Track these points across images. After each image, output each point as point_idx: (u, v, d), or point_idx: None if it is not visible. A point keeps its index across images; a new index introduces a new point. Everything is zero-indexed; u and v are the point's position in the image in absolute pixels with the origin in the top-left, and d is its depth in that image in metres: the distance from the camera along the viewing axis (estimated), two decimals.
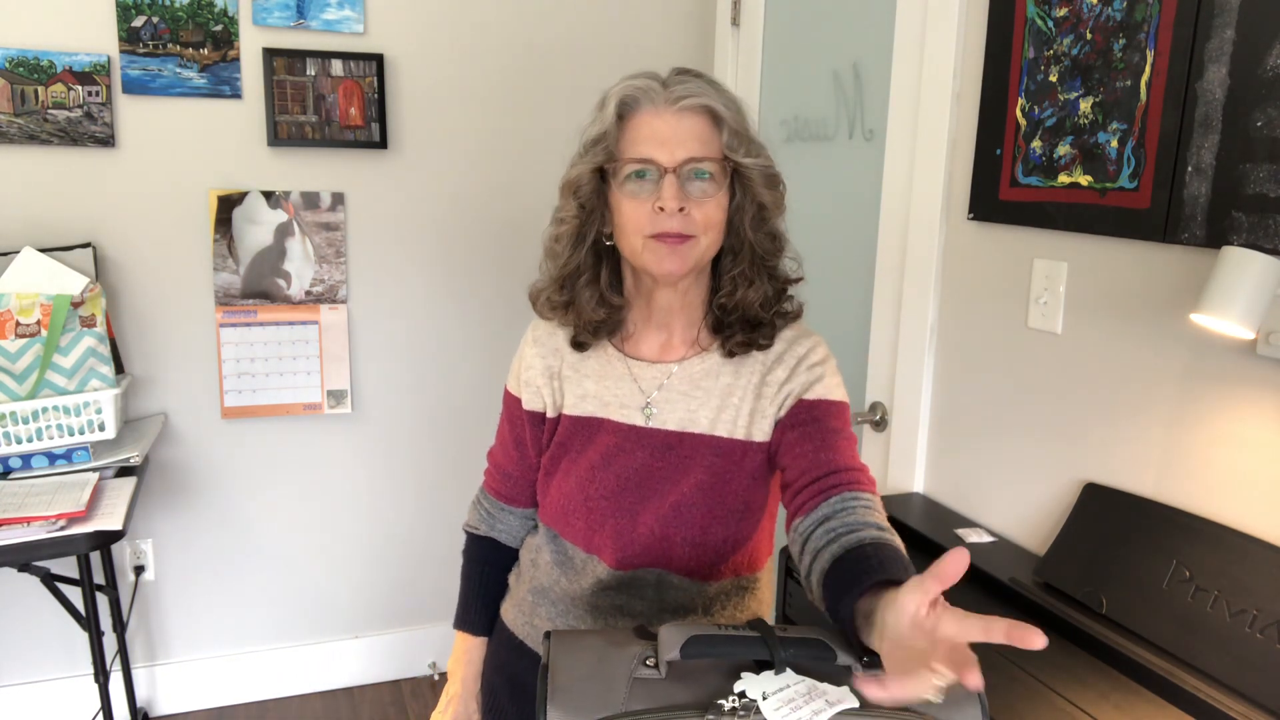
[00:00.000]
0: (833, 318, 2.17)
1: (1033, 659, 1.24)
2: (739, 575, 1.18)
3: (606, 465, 1.14)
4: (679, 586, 1.15)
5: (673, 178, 1.05)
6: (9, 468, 2.08)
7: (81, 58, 2.25)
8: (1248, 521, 1.23)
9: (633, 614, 1.16)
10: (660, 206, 1.05)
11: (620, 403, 1.16)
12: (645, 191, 1.06)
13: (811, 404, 1.10)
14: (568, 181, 1.12)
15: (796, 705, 0.76)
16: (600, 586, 1.16)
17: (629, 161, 1.07)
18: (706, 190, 1.07)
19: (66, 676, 2.51)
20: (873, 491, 1.02)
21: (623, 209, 1.08)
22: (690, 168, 1.06)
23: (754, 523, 1.15)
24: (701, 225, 1.07)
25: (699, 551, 1.13)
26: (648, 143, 1.06)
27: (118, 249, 2.37)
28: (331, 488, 2.67)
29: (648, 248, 1.07)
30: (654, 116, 1.06)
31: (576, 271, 1.15)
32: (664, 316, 1.16)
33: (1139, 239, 1.35)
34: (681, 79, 1.08)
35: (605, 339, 1.19)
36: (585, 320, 1.16)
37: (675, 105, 1.06)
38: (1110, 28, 1.37)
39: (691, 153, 1.05)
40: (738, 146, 1.07)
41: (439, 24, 2.53)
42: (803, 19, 2.30)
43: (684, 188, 1.05)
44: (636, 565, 1.14)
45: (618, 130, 1.08)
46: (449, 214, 2.64)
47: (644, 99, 1.07)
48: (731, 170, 1.09)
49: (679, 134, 1.05)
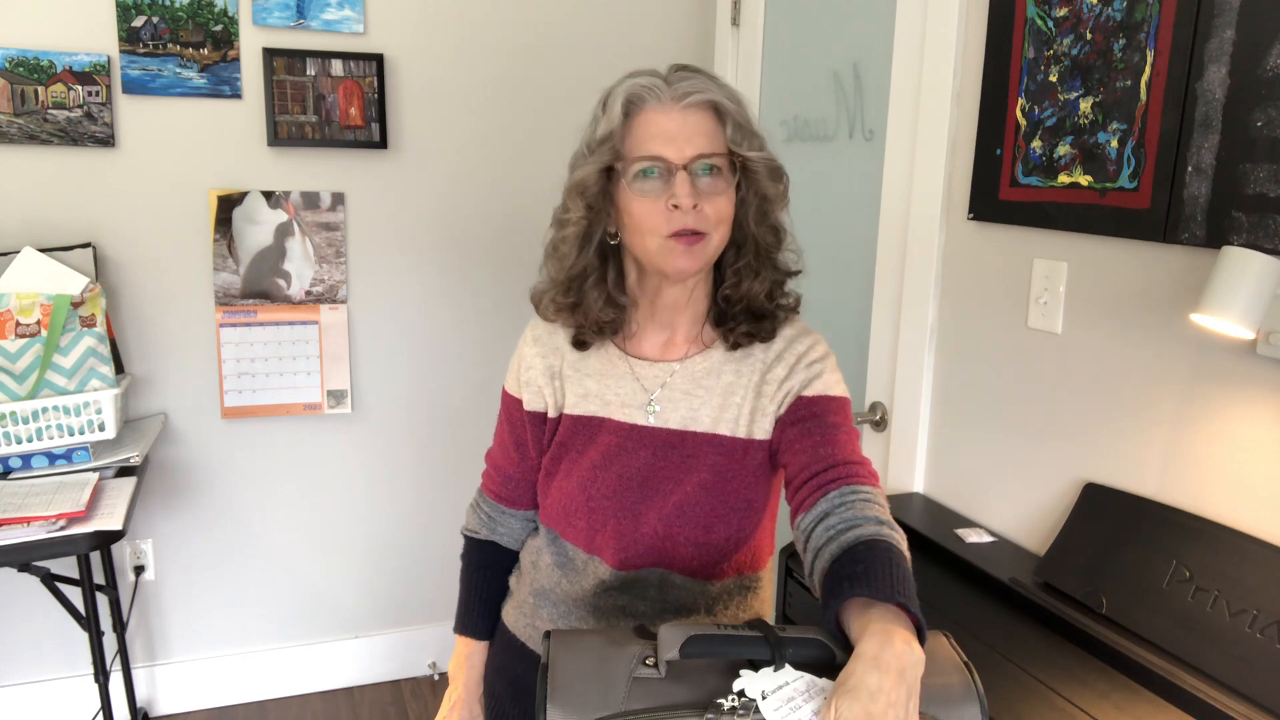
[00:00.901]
0: (833, 318, 2.17)
1: (1033, 659, 1.24)
2: (742, 574, 1.18)
3: (608, 465, 1.14)
4: (682, 586, 1.15)
5: (684, 174, 1.05)
6: (9, 468, 2.08)
7: (81, 58, 2.25)
8: (1248, 521, 1.23)
9: (635, 614, 1.16)
10: (675, 204, 1.05)
11: (622, 402, 1.16)
12: (655, 190, 1.06)
13: (811, 400, 1.10)
14: (575, 182, 1.11)
15: (796, 705, 0.76)
16: (602, 587, 1.16)
17: (638, 160, 1.06)
18: (716, 186, 1.07)
19: (66, 676, 2.51)
20: (874, 484, 1.02)
21: (633, 209, 1.08)
22: (699, 163, 1.06)
23: (756, 521, 1.15)
24: (714, 221, 1.07)
25: (702, 551, 1.12)
26: (656, 140, 1.06)
27: (118, 249, 2.37)
28: (331, 488, 2.67)
29: (663, 247, 1.07)
30: (660, 113, 1.06)
31: (584, 273, 1.14)
32: (668, 314, 1.16)
33: (1139, 239, 1.35)
34: (683, 75, 1.08)
35: (608, 338, 1.19)
36: (593, 320, 1.15)
37: (681, 102, 1.06)
38: (1110, 28, 1.37)
39: (700, 148, 1.05)
40: (742, 140, 1.08)
41: (439, 24, 2.53)
42: (803, 19, 2.30)
43: (695, 184, 1.06)
44: (639, 566, 1.14)
45: (624, 129, 1.08)
46: (449, 214, 2.63)
47: (649, 97, 1.07)
48: (739, 166, 1.09)
49: (686, 130, 1.05)
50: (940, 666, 0.83)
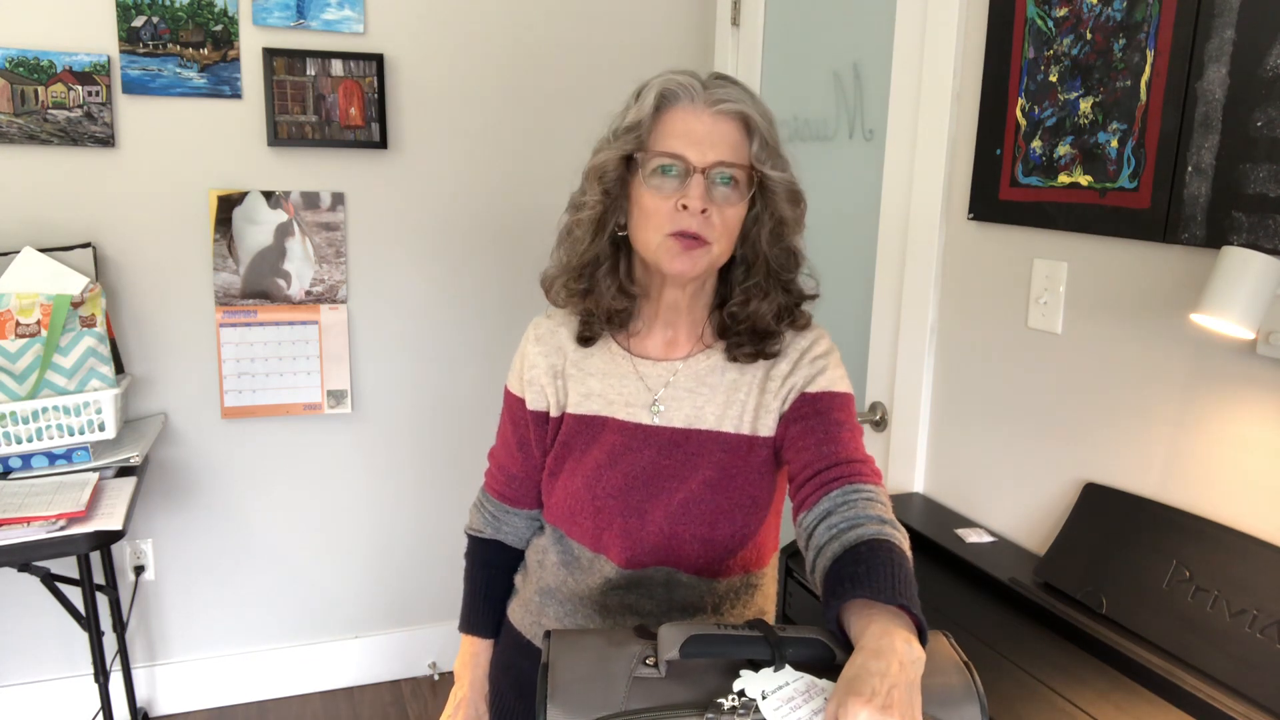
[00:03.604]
0: (833, 318, 2.17)
1: (1033, 659, 1.24)
2: (747, 572, 1.18)
3: (613, 464, 1.14)
4: (688, 585, 1.15)
5: (700, 178, 1.05)
6: (9, 468, 2.08)
7: (81, 58, 2.25)
8: (1248, 521, 1.23)
9: (641, 613, 1.16)
10: (684, 205, 1.05)
11: (626, 401, 1.16)
12: (669, 188, 1.06)
13: (815, 396, 1.10)
14: (594, 166, 1.12)
15: (796, 705, 0.76)
16: (609, 586, 1.16)
17: (659, 154, 1.07)
18: (730, 197, 1.07)
19: (66, 676, 2.51)
20: (876, 483, 1.02)
21: (644, 202, 1.08)
22: (718, 171, 1.06)
23: (760, 518, 1.16)
24: (719, 230, 1.07)
25: (708, 548, 1.13)
26: (681, 139, 1.06)
27: (118, 249, 2.37)
28: (331, 488, 2.67)
29: (663, 245, 1.07)
30: (690, 114, 1.07)
31: (596, 260, 1.14)
32: (670, 314, 1.17)
33: (1139, 239, 1.35)
34: (721, 83, 1.09)
35: (610, 337, 1.19)
36: (604, 308, 1.16)
37: (713, 107, 1.06)
38: (1110, 28, 1.37)
39: (722, 156, 1.06)
40: (766, 159, 1.08)
41: (439, 24, 2.53)
42: (803, 19, 2.30)
43: (709, 190, 1.06)
44: (645, 564, 1.14)
45: (653, 121, 1.08)
46: (449, 214, 2.64)
47: (684, 95, 1.07)
48: (756, 181, 1.09)
49: (713, 136, 1.06)
50: (940, 666, 0.83)
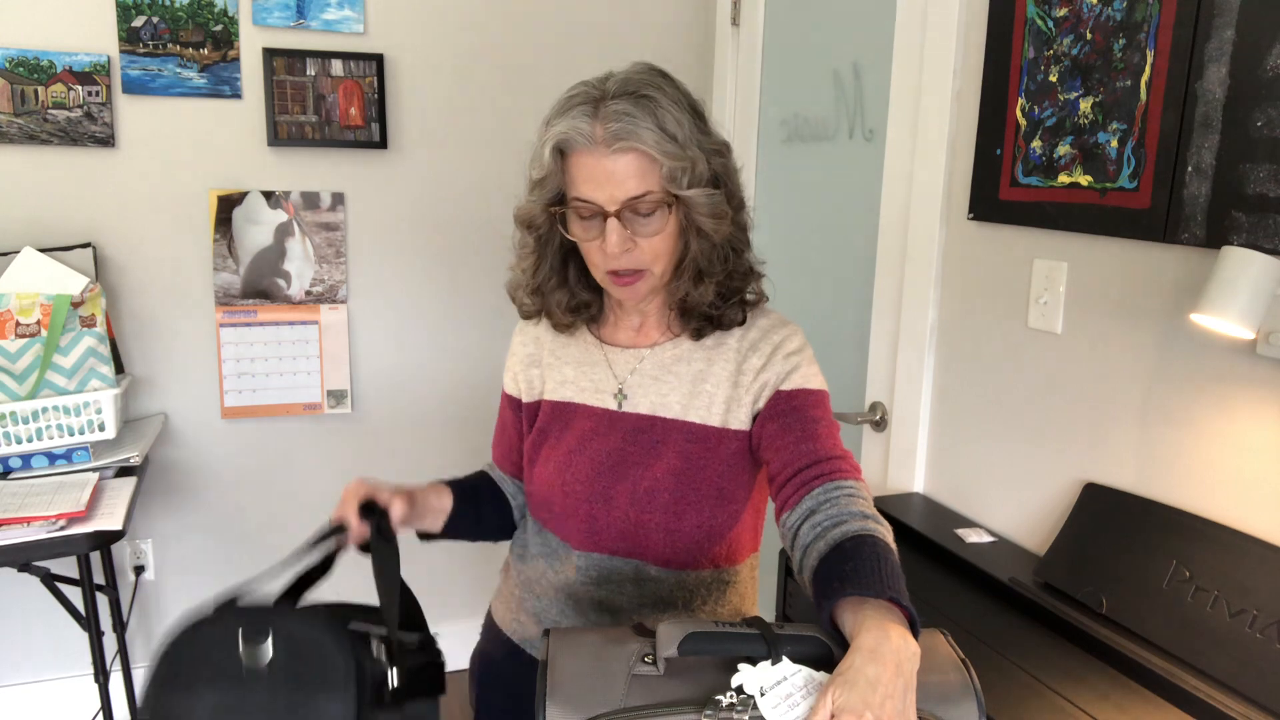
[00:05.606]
0: (833, 318, 2.17)
1: (1032, 659, 1.24)
2: (718, 567, 1.18)
3: (582, 450, 1.17)
4: (657, 578, 1.16)
5: (615, 221, 1.04)
6: (9, 468, 2.08)
7: (81, 58, 2.25)
8: (1248, 521, 1.22)
9: (612, 608, 1.17)
10: (605, 249, 1.06)
11: (595, 388, 1.19)
12: (594, 230, 1.07)
13: (790, 394, 1.11)
14: (520, 216, 1.15)
15: (794, 701, 0.76)
16: (580, 578, 1.18)
17: (574, 201, 1.07)
18: (651, 226, 1.06)
19: (66, 676, 2.51)
20: (856, 478, 1.02)
21: (578, 242, 1.11)
22: (630, 207, 1.04)
23: (733, 513, 1.15)
24: (649, 258, 1.08)
25: (674, 539, 1.13)
26: (588, 184, 1.05)
27: (118, 249, 2.38)
28: (332, 488, 2.67)
29: (606, 279, 1.11)
30: (590, 158, 1.04)
31: (545, 280, 1.19)
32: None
33: (1139, 239, 1.35)
34: (616, 112, 1.02)
35: (584, 326, 1.23)
36: (557, 322, 1.21)
37: (611, 146, 1.02)
38: (1110, 28, 1.37)
39: (630, 192, 1.03)
40: (680, 176, 1.04)
41: (439, 24, 2.53)
42: (803, 19, 2.30)
43: (628, 226, 1.05)
44: (612, 551, 1.15)
45: (559, 169, 1.08)
46: (449, 214, 2.64)
47: (579, 140, 1.03)
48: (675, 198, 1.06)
49: (615, 176, 1.03)
50: (938, 664, 0.84)
